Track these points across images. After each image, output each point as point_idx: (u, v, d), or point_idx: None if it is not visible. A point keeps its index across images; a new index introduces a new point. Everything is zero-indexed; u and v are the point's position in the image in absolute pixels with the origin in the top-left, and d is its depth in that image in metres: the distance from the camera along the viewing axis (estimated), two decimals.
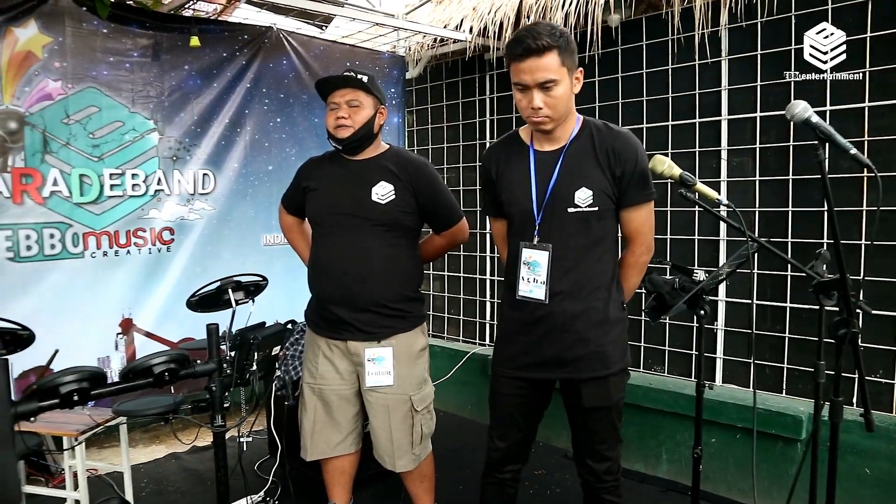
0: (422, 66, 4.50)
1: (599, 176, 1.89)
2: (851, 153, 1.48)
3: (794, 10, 2.87)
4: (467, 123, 4.33)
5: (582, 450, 2.05)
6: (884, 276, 2.70)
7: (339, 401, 2.40)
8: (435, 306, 4.57)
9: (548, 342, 1.95)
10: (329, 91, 2.31)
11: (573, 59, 1.86)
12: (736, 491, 2.99)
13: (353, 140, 2.28)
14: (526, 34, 1.79)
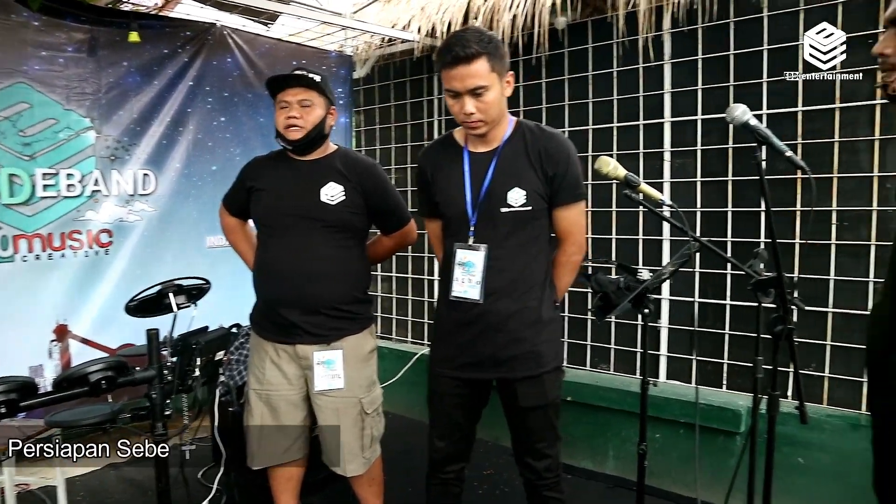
0: (369, 65, 4.47)
1: (532, 176, 1.92)
2: (787, 155, 1.53)
3: (733, 17, 2.96)
4: (415, 124, 4.32)
5: (521, 449, 2.07)
6: (817, 273, 2.81)
7: (287, 406, 2.35)
8: (383, 307, 4.55)
9: (483, 342, 1.96)
10: (280, 89, 2.26)
11: (503, 64, 1.89)
12: (680, 484, 3.06)
13: (304, 141, 2.24)
14: (454, 42, 1.82)
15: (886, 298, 1.37)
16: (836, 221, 2.76)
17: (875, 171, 2.67)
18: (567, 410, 3.32)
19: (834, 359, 2.80)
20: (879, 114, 2.64)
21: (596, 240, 3.43)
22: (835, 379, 2.81)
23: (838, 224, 2.76)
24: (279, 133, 2.26)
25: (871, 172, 2.68)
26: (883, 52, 1.24)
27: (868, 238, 2.70)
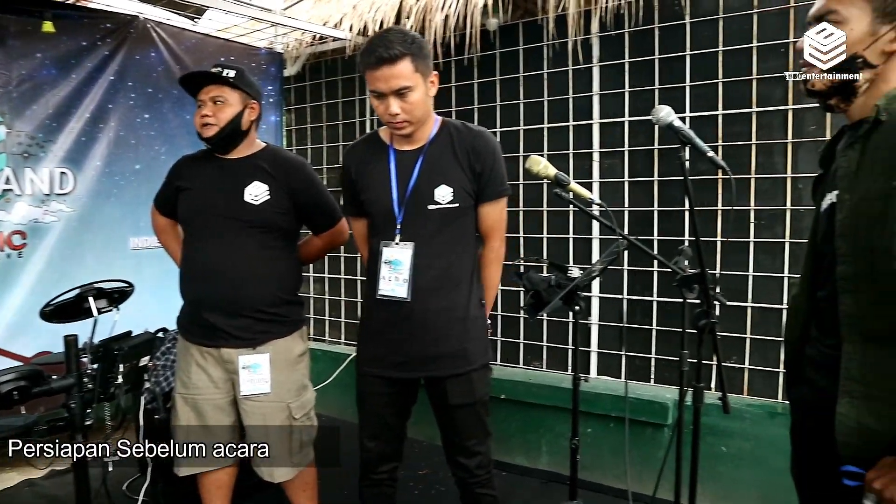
0: (300, 63, 4.39)
1: (459, 174, 1.94)
2: (709, 156, 1.58)
3: (657, 23, 3.05)
4: (347, 123, 4.28)
5: (452, 447, 2.08)
6: (737, 270, 2.93)
7: (213, 411, 2.29)
8: (315, 309, 4.48)
9: (410, 340, 1.96)
10: (197, 88, 2.21)
11: (427, 64, 1.90)
12: (611, 477, 3.14)
13: (218, 138, 2.20)
14: (378, 43, 1.82)
15: (802, 293, 1.44)
16: (754, 220, 2.90)
17: (788, 172, 2.81)
18: (501, 408, 3.37)
19: (753, 351, 2.93)
20: (792, 118, 2.78)
21: (528, 239, 3.48)
22: (754, 370, 2.94)
23: (756, 222, 2.90)
24: (197, 131, 2.23)
25: (784, 174, 2.82)
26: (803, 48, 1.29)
27: (783, 236, 2.84)
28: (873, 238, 1.17)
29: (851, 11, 1.23)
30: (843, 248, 1.24)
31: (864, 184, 1.21)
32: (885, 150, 1.19)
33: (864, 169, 1.22)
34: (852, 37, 1.23)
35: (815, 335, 1.39)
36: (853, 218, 1.22)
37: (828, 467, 1.28)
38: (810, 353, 1.40)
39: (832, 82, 1.27)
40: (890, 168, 1.17)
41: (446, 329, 1.96)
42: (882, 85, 1.25)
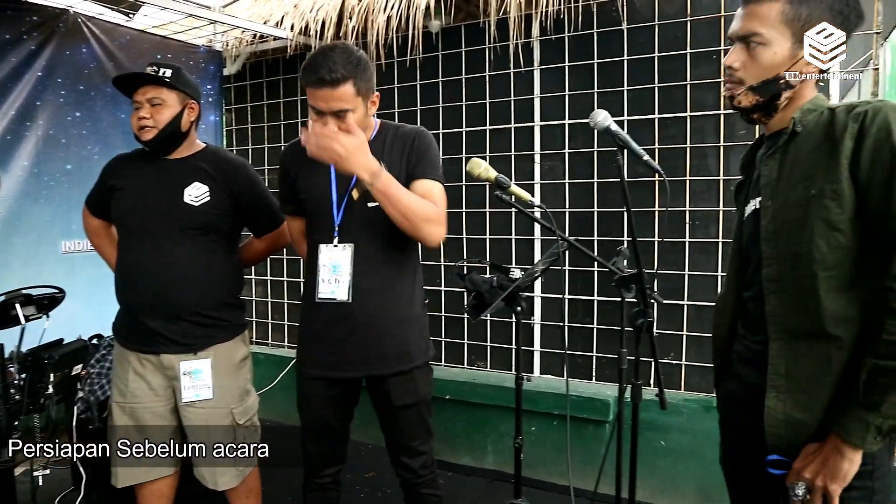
0: (240, 62, 4.31)
1: (398, 170, 1.94)
2: (644, 159, 1.63)
3: (596, 28, 3.12)
4: (289, 124, 4.22)
5: (396, 448, 2.08)
6: (673, 269, 3.02)
7: (153, 419, 2.22)
8: (258, 312, 4.41)
9: (351, 340, 1.95)
10: (133, 89, 2.15)
11: (369, 86, 1.89)
12: (555, 474, 3.19)
13: (157, 141, 2.14)
14: (321, 62, 1.78)
15: (728, 293, 1.51)
16: (689, 221, 2.99)
17: (721, 174, 2.91)
18: (446, 408, 3.38)
19: (690, 347, 3.03)
20: (723, 122, 2.89)
21: (470, 240, 3.51)
22: (691, 366, 3.04)
23: (691, 223, 2.99)
24: (134, 134, 2.16)
25: (717, 176, 2.92)
26: (731, 64, 1.36)
27: (716, 236, 2.94)
28: (795, 242, 1.25)
29: (773, 34, 1.30)
30: (769, 252, 1.31)
31: (785, 191, 1.28)
32: (801, 160, 1.27)
33: (784, 177, 1.29)
34: (776, 59, 1.30)
35: (742, 333, 1.45)
36: (776, 224, 1.29)
37: (755, 458, 1.34)
38: (738, 350, 1.47)
39: (757, 100, 1.34)
40: (807, 177, 1.25)
41: (388, 328, 1.96)
42: (798, 100, 1.34)
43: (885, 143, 1.17)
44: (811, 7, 1.28)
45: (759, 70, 1.32)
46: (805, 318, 1.25)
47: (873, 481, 1.22)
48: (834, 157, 1.22)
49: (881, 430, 1.16)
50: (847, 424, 1.18)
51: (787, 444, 1.27)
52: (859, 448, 1.18)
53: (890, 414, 1.15)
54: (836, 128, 1.23)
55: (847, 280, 1.21)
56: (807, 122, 1.30)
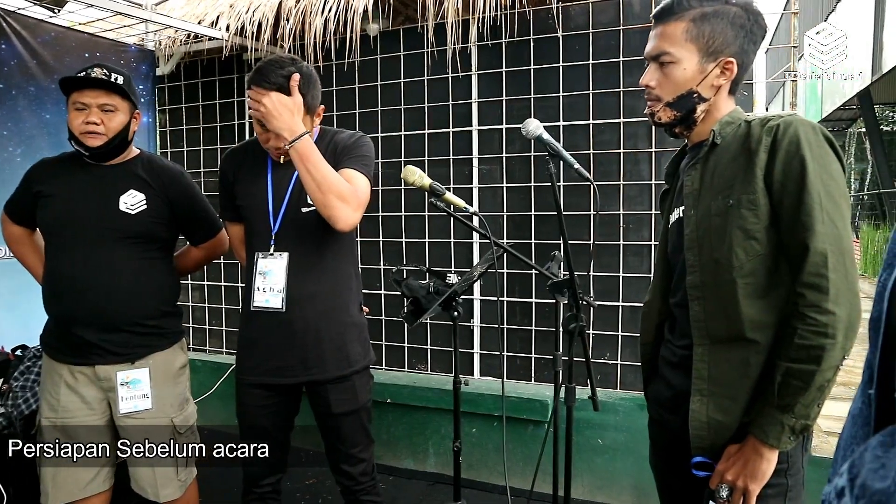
0: (174, 62, 4.19)
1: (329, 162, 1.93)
2: (575, 167, 1.67)
3: (532, 35, 3.17)
4: (226, 126, 4.14)
5: (336, 456, 2.08)
6: (608, 271, 3.10)
7: (87, 434, 2.15)
8: (195, 318, 4.31)
9: (289, 347, 1.95)
10: (76, 88, 2.05)
11: (315, 101, 1.93)
12: (496, 475, 3.22)
13: (105, 149, 2.07)
14: (271, 79, 1.81)
15: (654, 299, 1.56)
16: (623, 224, 3.07)
17: (653, 179, 3.00)
18: (387, 412, 3.38)
19: (624, 348, 3.11)
20: (654, 129, 2.98)
21: (410, 244, 3.51)
22: (626, 365, 3.12)
23: (625, 227, 3.07)
24: (75, 137, 2.06)
25: (649, 180, 3.01)
26: (647, 83, 1.42)
27: (649, 238, 3.03)
28: (715, 250, 1.31)
29: (682, 52, 1.36)
30: (691, 260, 1.36)
31: (706, 201, 1.34)
32: (721, 171, 1.33)
33: (705, 187, 1.35)
34: (686, 75, 1.36)
35: (668, 337, 1.51)
36: (698, 232, 1.35)
37: (681, 459, 1.40)
38: (664, 354, 1.52)
39: (675, 115, 1.40)
40: (726, 187, 1.31)
41: (326, 334, 1.96)
42: (715, 113, 1.40)
43: (796, 155, 1.23)
44: (713, 24, 1.34)
45: (672, 86, 1.38)
46: (726, 323, 1.30)
47: (787, 478, 1.29)
48: (750, 169, 1.28)
49: (794, 430, 1.22)
50: (764, 426, 1.24)
51: (710, 446, 1.33)
52: (776, 448, 1.23)
53: (802, 414, 1.21)
54: (752, 140, 1.29)
55: (763, 286, 1.27)
56: (725, 133, 1.36)
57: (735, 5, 1.36)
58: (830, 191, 1.22)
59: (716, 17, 1.35)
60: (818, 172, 1.22)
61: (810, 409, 1.21)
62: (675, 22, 1.37)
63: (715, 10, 1.35)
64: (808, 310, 1.19)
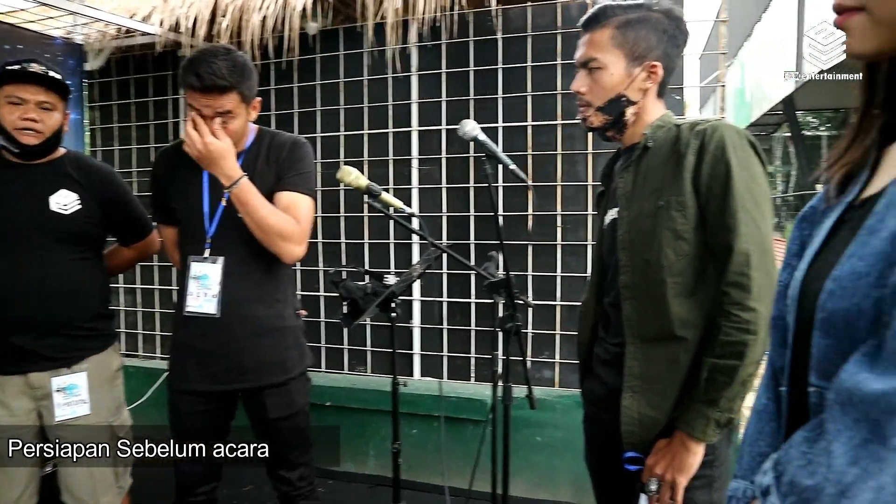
0: (104, 57, 4.04)
1: (271, 179, 1.92)
2: (510, 168, 1.69)
3: (472, 37, 3.19)
4: (159, 123, 4.01)
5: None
6: (545, 271, 3.14)
7: (14, 447, 2.05)
8: (127, 322, 4.16)
9: (224, 353, 1.92)
10: (12, 81, 1.95)
11: (252, 91, 1.88)
12: (437, 475, 3.22)
13: (40, 148, 2.00)
14: (205, 67, 1.75)
15: (590, 298, 1.60)
16: (560, 224, 3.12)
17: (589, 180, 3.06)
18: (326, 415, 3.34)
19: (562, 346, 3.16)
20: None
21: (349, 244, 3.48)
22: (564, 363, 3.17)
23: (562, 227, 3.12)
24: (4, 132, 1.97)
25: (586, 181, 3.07)
26: (578, 89, 1.45)
27: (585, 239, 3.09)
28: (646, 251, 1.34)
29: (609, 58, 1.40)
30: (624, 260, 1.40)
31: (638, 203, 1.38)
32: (652, 173, 1.37)
33: (638, 189, 1.39)
34: (614, 80, 1.40)
35: (602, 336, 1.55)
36: (631, 233, 1.39)
37: (615, 454, 1.43)
38: (598, 352, 1.56)
39: (606, 119, 1.44)
40: (657, 189, 1.35)
41: (261, 340, 1.93)
42: (645, 116, 1.45)
43: (722, 159, 1.28)
44: (637, 30, 1.39)
45: (602, 92, 1.42)
46: (656, 322, 1.34)
47: (713, 469, 1.34)
48: (679, 171, 1.32)
49: (720, 423, 1.27)
50: (690, 420, 1.28)
51: (641, 441, 1.37)
52: (702, 441, 1.28)
53: (727, 407, 1.26)
54: (681, 144, 1.33)
55: (691, 286, 1.32)
56: (657, 137, 1.40)
57: (657, 11, 1.41)
58: (754, 193, 1.27)
59: (639, 23, 1.39)
60: (742, 176, 1.27)
61: (734, 403, 1.26)
62: (602, 29, 1.41)
63: (638, 17, 1.39)
64: (732, 307, 1.24)
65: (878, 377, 0.51)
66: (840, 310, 0.58)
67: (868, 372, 0.53)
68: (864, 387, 0.52)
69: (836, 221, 0.71)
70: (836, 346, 0.59)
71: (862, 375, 0.53)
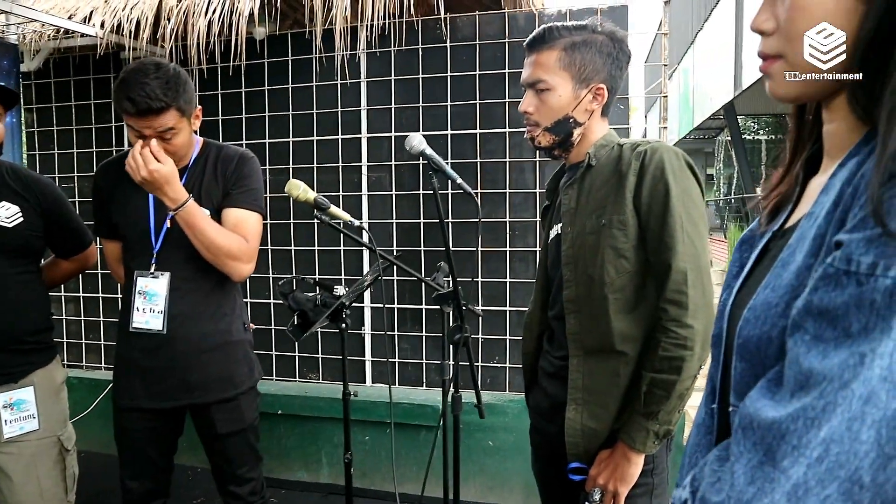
0: (42, 58, 3.91)
1: (218, 193, 1.91)
2: (457, 182, 1.71)
3: (421, 45, 3.21)
4: (102, 127, 3.91)
5: (223, 476, 2.03)
6: (495, 277, 3.19)
7: None
8: (70, 332, 4.04)
9: (171, 369, 1.89)
10: None
11: (191, 103, 1.85)
12: (389, 482, 3.23)
13: None
14: (137, 90, 1.71)
15: (535, 311, 1.64)
16: (509, 231, 3.17)
17: (537, 187, 3.12)
18: (278, 423, 3.32)
19: (512, 351, 3.21)
20: None
21: (299, 252, 3.46)
22: (514, 368, 3.21)
23: (511, 233, 3.17)
24: None
25: (534, 189, 3.13)
26: (526, 109, 1.49)
27: (534, 245, 3.14)
28: (589, 267, 1.39)
29: (556, 80, 1.44)
30: (568, 275, 1.44)
31: (581, 220, 1.42)
32: (595, 191, 1.42)
33: (581, 206, 1.44)
34: (562, 101, 1.44)
35: (547, 348, 1.59)
36: (574, 249, 1.43)
37: (560, 464, 1.47)
38: (542, 364, 1.60)
39: (553, 139, 1.48)
40: (599, 207, 1.39)
41: (209, 356, 1.91)
42: (590, 135, 1.49)
43: (661, 179, 1.33)
44: (583, 53, 1.43)
45: (549, 112, 1.45)
46: (598, 336, 1.39)
47: (653, 478, 1.39)
48: (620, 191, 1.37)
49: (658, 435, 1.32)
50: (631, 432, 1.33)
51: (584, 452, 1.41)
52: (642, 452, 1.33)
53: (665, 420, 1.31)
54: (623, 164, 1.38)
55: (631, 302, 1.37)
56: (600, 156, 1.45)
57: (601, 34, 1.45)
58: (691, 213, 1.33)
59: (585, 45, 1.43)
60: (680, 196, 1.32)
61: (672, 416, 1.31)
62: (548, 51, 1.44)
63: (584, 40, 1.43)
64: (670, 324, 1.29)
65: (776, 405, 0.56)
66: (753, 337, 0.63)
67: (769, 399, 0.58)
68: (762, 414, 0.57)
69: (762, 249, 0.76)
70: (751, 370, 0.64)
71: (761, 403, 0.58)
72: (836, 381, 0.52)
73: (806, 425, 0.53)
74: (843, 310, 0.53)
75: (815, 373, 0.53)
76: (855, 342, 0.52)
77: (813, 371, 0.54)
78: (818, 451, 0.51)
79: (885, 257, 0.51)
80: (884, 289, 0.51)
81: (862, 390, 0.51)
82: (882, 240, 0.52)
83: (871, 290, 0.51)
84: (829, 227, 0.59)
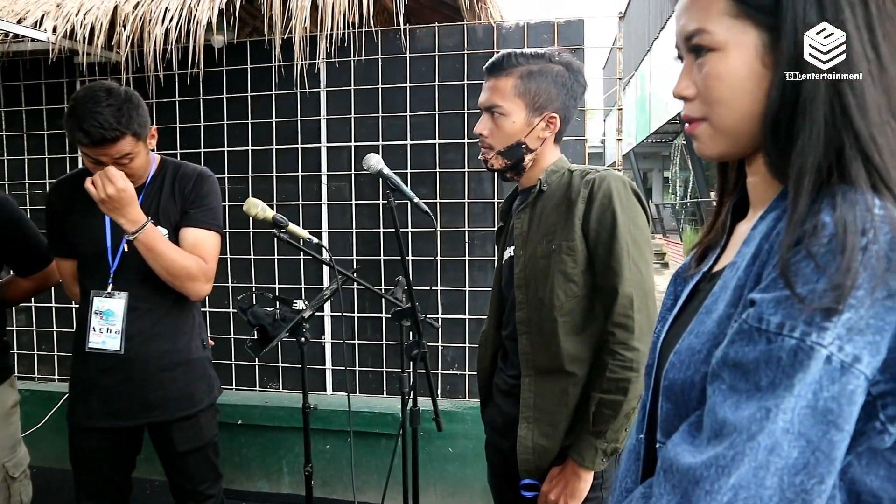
0: None
1: (175, 212, 1.91)
2: (414, 202, 1.75)
3: (381, 55, 3.23)
4: (54, 133, 3.83)
5: (182, 494, 2.03)
6: (454, 286, 3.23)
7: None
8: (21, 343, 3.95)
9: (129, 388, 1.89)
10: None
11: (145, 126, 1.84)
12: (350, 491, 3.24)
13: None
14: (90, 120, 1.70)
15: (489, 329, 1.68)
16: (468, 240, 3.21)
17: (495, 197, 3.17)
18: (238, 434, 3.31)
19: (471, 359, 3.24)
20: None
21: (258, 261, 3.45)
22: (473, 375, 3.25)
23: (469, 242, 3.21)
24: None
25: (492, 199, 3.18)
26: (481, 132, 1.53)
27: (492, 254, 3.19)
28: (540, 290, 1.44)
29: (511, 106, 1.48)
30: (520, 297, 1.49)
31: (533, 244, 1.47)
32: (546, 216, 1.47)
33: (533, 231, 1.48)
34: (515, 127, 1.48)
35: (501, 366, 1.64)
36: (526, 272, 1.48)
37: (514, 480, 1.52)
38: (497, 382, 1.65)
39: (506, 163, 1.52)
40: (550, 232, 1.44)
41: (167, 374, 1.90)
42: (541, 161, 1.54)
43: (608, 207, 1.39)
44: (538, 82, 1.48)
45: (503, 137, 1.50)
46: (549, 356, 1.44)
47: (602, 492, 1.45)
48: (570, 217, 1.42)
49: (606, 453, 1.38)
50: (581, 450, 1.39)
51: (536, 468, 1.46)
52: (591, 469, 1.39)
53: (612, 438, 1.37)
54: (572, 191, 1.43)
55: (580, 324, 1.42)
56: (551, 181, 1.50)
57: (558, 63, 1.49)
58: (637, 239, 1.39)
59: (541, 75, 1.47)
60: (626, 223, 1.38)
61: (619, 434, 1.37)
62: (506, 77, 1.48)
63: (540, 69, 1.47)
64: (616, 346, 1.35)
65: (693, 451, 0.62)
66: (678, 381, 0.68)
67: (688, 444, 0.63)
68: (681, 460, 0.62)
69: (692, 290, 0.81)
70: (675, 411, 0.69)
71: (681, 448, 0.64)
72: (744, 433, 0.57)
73: (717, 472, 0.58)
74: (755, 365, 0.58)
75: (728, 423, 0.59)
76: (763, 396, 0.57)
77: (727, 421, 0.59)
78: (728, 496, 0.57)
79: (790, 318, 0.57)
80: (789, 348, 0.56)
81: (767, 441, 0.56)
82: (789, 302, 0.57)
83: (779, 349, 0.57)
84: (747, 279, 0.64)
